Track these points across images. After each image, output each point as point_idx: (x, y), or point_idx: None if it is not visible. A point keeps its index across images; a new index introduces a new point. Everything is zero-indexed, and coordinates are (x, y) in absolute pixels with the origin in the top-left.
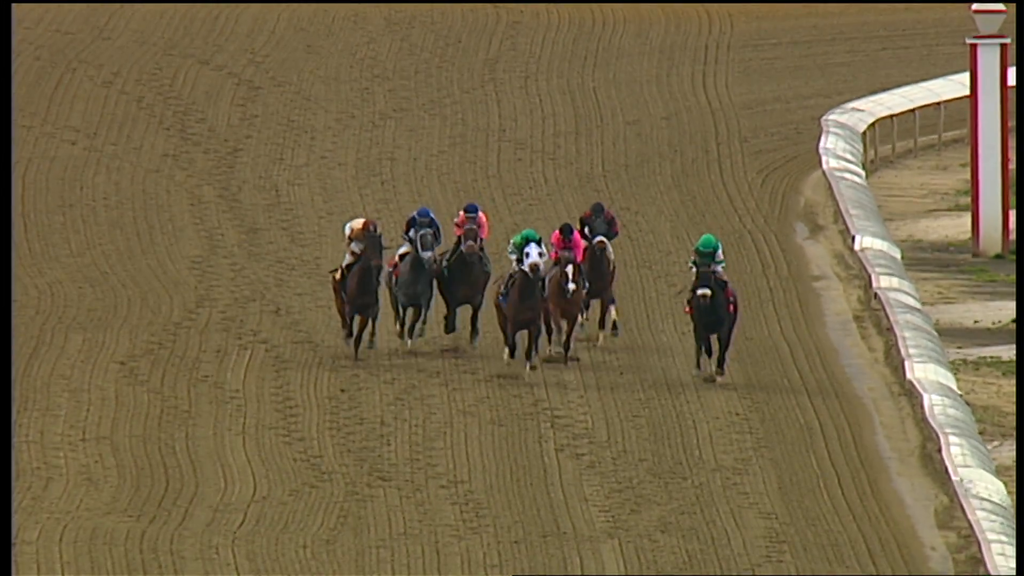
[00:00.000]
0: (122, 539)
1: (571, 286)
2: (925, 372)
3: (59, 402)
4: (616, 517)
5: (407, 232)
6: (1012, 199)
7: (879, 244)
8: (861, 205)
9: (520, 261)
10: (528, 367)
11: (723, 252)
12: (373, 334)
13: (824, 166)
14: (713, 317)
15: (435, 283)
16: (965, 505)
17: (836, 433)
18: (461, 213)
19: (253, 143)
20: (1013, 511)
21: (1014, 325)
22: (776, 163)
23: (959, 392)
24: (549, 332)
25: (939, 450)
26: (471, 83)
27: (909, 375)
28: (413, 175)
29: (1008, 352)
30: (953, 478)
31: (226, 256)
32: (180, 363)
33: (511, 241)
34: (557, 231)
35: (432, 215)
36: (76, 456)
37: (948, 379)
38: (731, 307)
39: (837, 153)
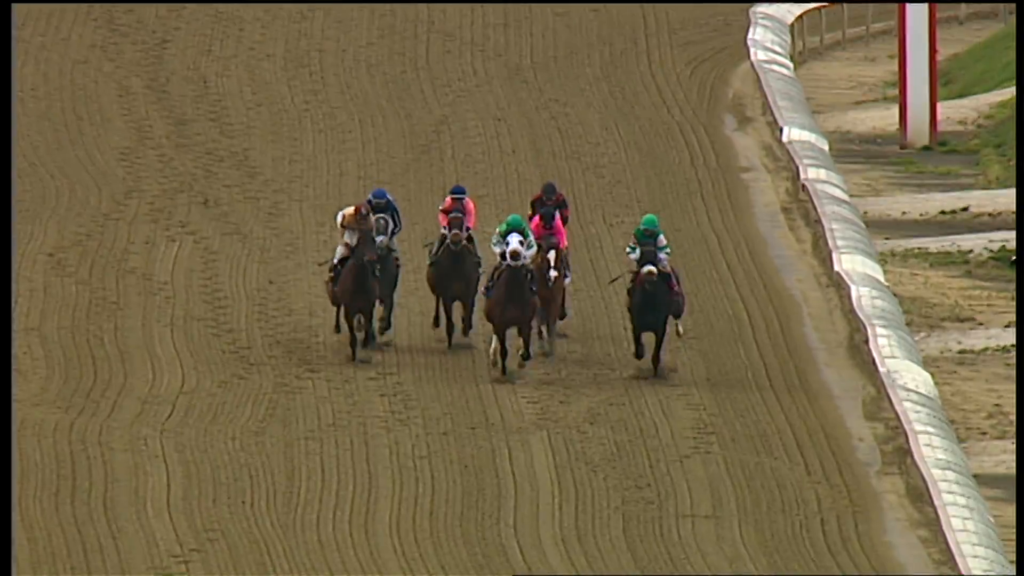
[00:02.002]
0: (51, 430)
1: (552, 273)
2: (853, 264)
3: None
4: (545, 409)
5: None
6: (939, 91)
7: (807, 136)
8: (789, 97)
9: (504, 254)
10: (519, 361)
11: (664, 238)
12: (366, 337)
13: (752, 58)
14: (653, 314)
15: (396, 279)
16: (892, 396)
17: (764, 324)
18: (448, 198)
19: (181, 34)
20: (939, 402)
21: (943, 216)
22: (704, 55)
23: (886, 284)
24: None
25: (867, 341)
26: None
27: (837, 267)
28: (342, 66)
29: (936, 244)
30: (880, 369)
31: (154, 147)
32: (108, 255)
33: (496, 231)
34: (537, 217)
35: (388, 196)
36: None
37: (876, 271)
38: (674, 295)
39: (765, 45)
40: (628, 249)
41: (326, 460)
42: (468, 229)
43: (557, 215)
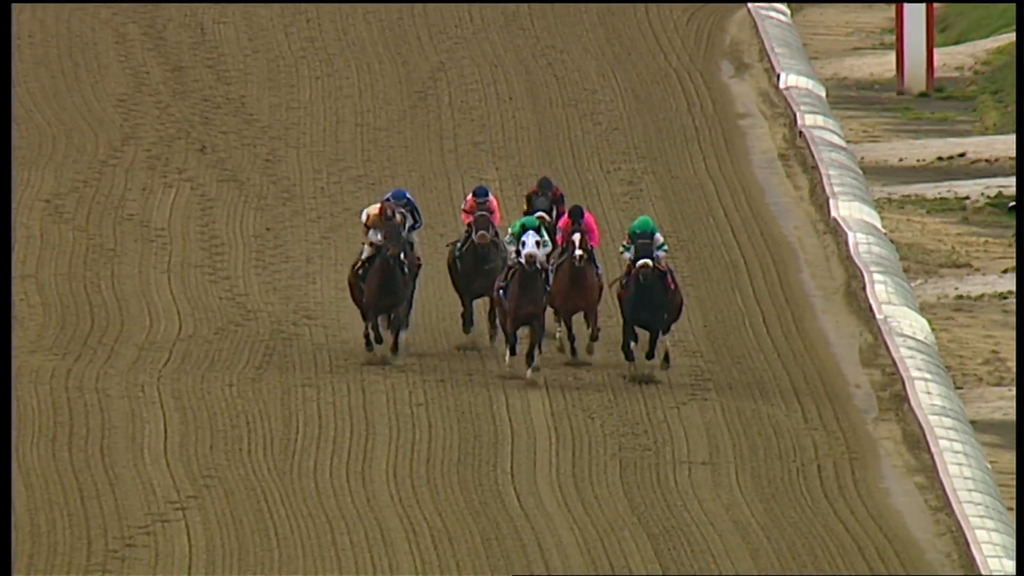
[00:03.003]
0: (47, 377)
1: (579, 252)
2: (850, 210)
3: None
4: (541, 359)
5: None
6: (936, 37)
7: (804, 82)
8: (786, 43)
9: (519, 252)
10: (530, 370)
11: (661, 236)
12: (396, 343)
13: (749, 4)
14: (647, 311)
15: (416, 278)
16: (889, 342)
17: (761, 271)
18: (469, 197)
19: None
20: (936, 348)
21: (940, 162)
22: (701, 1)
23: (883, 230)
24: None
25: (863, 288)
26: None
27: (834, 213)
28: (338, 13)
29: (933, 190)
30: (877, 316)
31: (151, 94)
32: (105, 201)
33: (509, 230)
34: (566, 214)
35: (408, 196)
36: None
37: (873, 217)
38: (670, 295)
39: None
40: (622, 248)
41: (323, 407)
42: (493, 226)
43: (588, 213)
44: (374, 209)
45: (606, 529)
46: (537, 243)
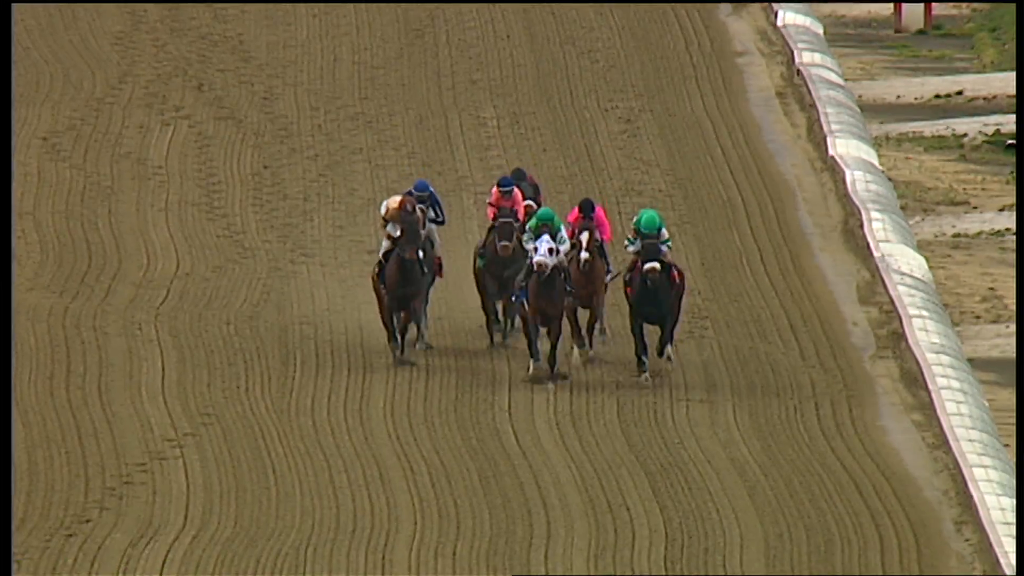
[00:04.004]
0: (45, 315)
1: (584, 255)
2: (847, 148)
3: None
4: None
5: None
6: None
7: (802, 20)
8: None
9: (536, 250)
10: (553, 380)
11: (666, 230)
12: (420, 335)
13: None
14: (654, 306)
15: (433, 275)
16: (887, 280)
17: (759, 209)
18: (494, 189)
19: None
20: (934, 286)
21: (938, 100)
22: None
23: (881, 168)
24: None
25: (861, 225)
26: None
27: (831, 151)
28: None
29: (930, 127)
30: (875, 253)
31: (148, 32)
32: (103, 139)
33: (527, 227)
34: (576, 208)
35: (431, 188)
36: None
37: (870, 155)
38: (676, 289)
39: None
40: (627, 241)
41: (320, 345)
42: (518, 223)
43: (598, 206)
44: (394, 202)
45: (603, 467)
46: (550, 250)
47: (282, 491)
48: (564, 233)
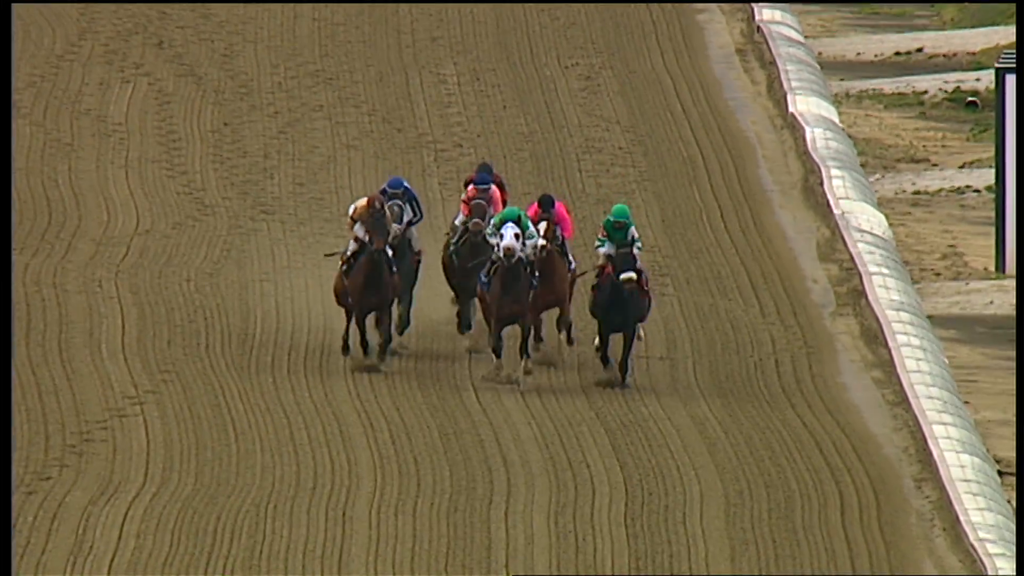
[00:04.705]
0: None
1: (541, 242)
2: (807, 105)
3: None
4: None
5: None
6: None
7: None
8: None
9: (499, 246)
10: (521, 372)
11: (635, 229)
12: (384, 344)
13: None
14: (622, 316)
15: (416, 275)
16: (846, 237)
17: (719, 166)
18: (471, 187)
19: None
20: (894, 243)
21: (898, 57)
22: None
23: (841, 125)
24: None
25: (821, 183)
26: None
27: (791, 108)
28: None
29: (890, 85)
30: (835, 211)
31: None
32: (62, 96)
33: (491, 222)
34: (536, 203)
35: (407, 184)
36: None
37: (830, 112)
38: (645, 298)
39: None
40: (597, 242)
41: (280, 302)
42: (491, 218)
43: (558, 202)
44: (362, 202)
45: (564, 424)
46: (516, 236)
47: (242, 448)
48: (532, 229)
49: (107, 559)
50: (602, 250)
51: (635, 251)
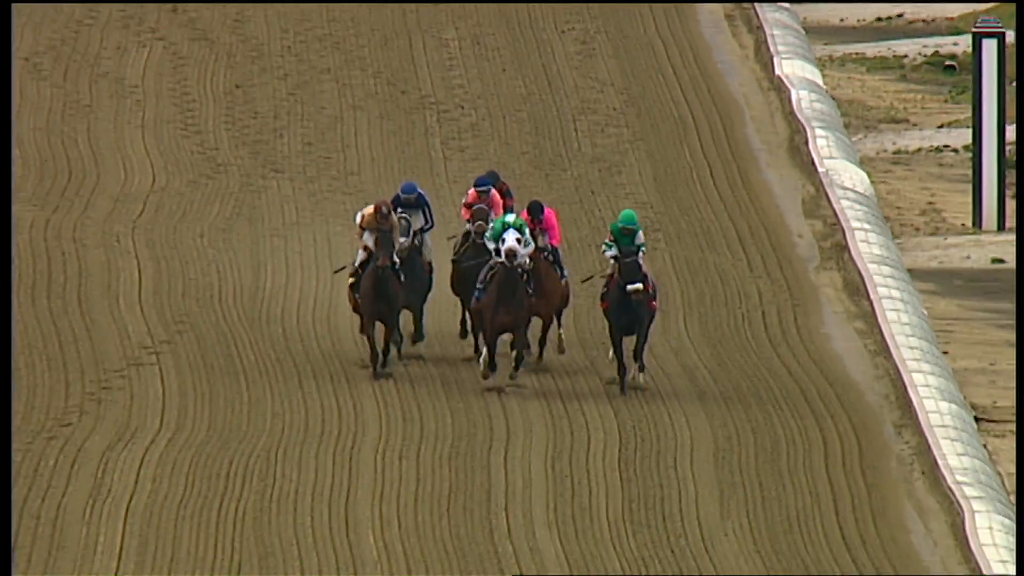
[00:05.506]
0: (26, 227)
1: (531, 248)
2: (793, 68)
3: None
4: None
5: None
6: None
7: None
8: None
9: (498, 251)
10: (513, 377)
11: (642, 234)
12: (387, 349)
13: None
14: (633, 317)
15: (429, 284)
16: (830, 194)
17: (708, 126)
18: (471, 191)
19: None
20: (875, 200)
21: (879, 23)
22: None
23: (825, 87)
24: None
25: (806, 142)
26: None
27: (778, 71)
28: None
29: (872, 49)
30: (819, 169)
31: None
32: (81, 59)
33: (489, 227)
34: (525, 210)
35: (420, 189)
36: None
37: (815, 75)
38: (652, 303)
39: None
40: (604, 246)
41: (290, 256)
42: (493, 222)
43: (547, 209)
44: (369, 209)
45: (561, 374)
46: (518, 240)
47: (253, 396)
48: (529, 235)
49: (124, 501)
50: (609, 253)
51: (640, 257)
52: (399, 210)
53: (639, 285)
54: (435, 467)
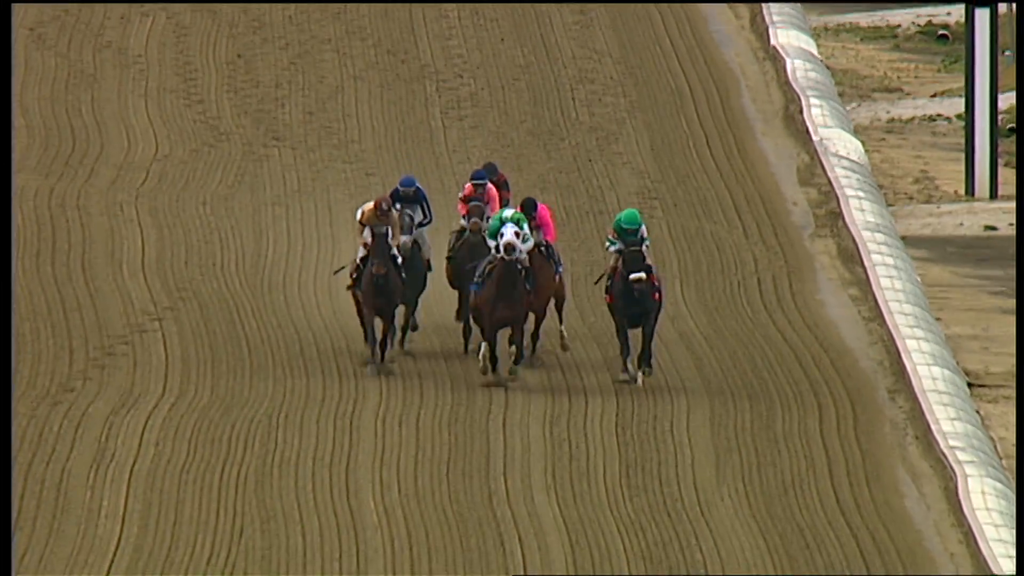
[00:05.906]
0: (31, 195)
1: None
2: (788, 38)
3: None
4: None
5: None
6: None
7: None
8: None
9: (497, 247)
10: (506, 372)
11: (645, 228)
12: (384, 342)
13: None
14: (639, 308)
15: (424, 280)
16: (825, 162)
17: (705, 96)
18: (468, 185)
19: None
20: (869, 168)
21: None
22: None
23: (820, 57)
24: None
25: (801, 111)
26: None
27: (773, 41)
28: None
29: (866, 19)
30: (814, 137)
31: None
32: (86, 29)
33: (486, 224)
34: (519, 207)
35: (418, 183)
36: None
37: (809, 44)
38: (656, 295)
39: None
40: (607, 242)
41: (292, 224)
42: (489, 218)
43: (541, 205)
44: (369, 205)
45: (558, 340)
46: (516, 234)
47: (256, 362)
48: (528, 231)
49: (128, 465)
50: (612, 248)
51: (644, 249)
52: (398, 205)
53: (642, 274)
54: (435, 432)
